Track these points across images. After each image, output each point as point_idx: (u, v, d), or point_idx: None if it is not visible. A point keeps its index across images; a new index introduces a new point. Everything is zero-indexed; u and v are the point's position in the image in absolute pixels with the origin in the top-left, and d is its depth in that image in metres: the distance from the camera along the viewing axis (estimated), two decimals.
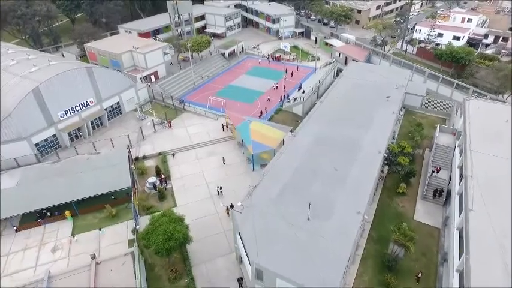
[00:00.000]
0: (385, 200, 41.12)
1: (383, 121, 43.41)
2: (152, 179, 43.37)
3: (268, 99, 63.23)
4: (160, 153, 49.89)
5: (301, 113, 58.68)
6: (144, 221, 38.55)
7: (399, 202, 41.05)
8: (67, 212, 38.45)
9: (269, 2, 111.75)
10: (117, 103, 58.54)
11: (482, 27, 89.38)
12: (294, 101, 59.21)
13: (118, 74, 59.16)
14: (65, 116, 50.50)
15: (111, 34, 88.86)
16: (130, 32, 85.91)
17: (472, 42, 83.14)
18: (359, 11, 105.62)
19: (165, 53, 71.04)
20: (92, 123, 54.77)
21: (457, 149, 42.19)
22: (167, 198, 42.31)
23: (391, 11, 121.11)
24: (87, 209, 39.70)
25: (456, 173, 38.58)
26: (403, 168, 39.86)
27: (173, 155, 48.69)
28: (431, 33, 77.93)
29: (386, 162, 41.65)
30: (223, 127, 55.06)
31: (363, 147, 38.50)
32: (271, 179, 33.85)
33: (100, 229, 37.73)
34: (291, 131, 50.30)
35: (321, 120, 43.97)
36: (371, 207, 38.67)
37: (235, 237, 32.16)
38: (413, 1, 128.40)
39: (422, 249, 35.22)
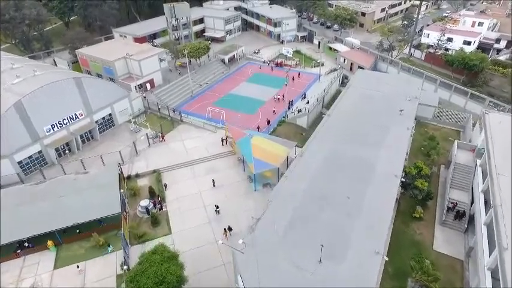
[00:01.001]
0: (400, 227, 37.37)
1: (397, 138, 39.62)
2: (145, 202, 39.62)
3: (274, 111, 59.25)
4: (154, 171, 46.15)
5: (306, 125, 55.02)
6: (136, 251, 35.09)
7: (416, 228, 37.35)
8: (49, 242, 34.69)
9: (270, 4, 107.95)
10: (109, 115, 54.80)
11: (492, 31, 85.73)
12: (298, 112, 55.47)
13: (110, 84, 55.51)
14: (52, 131, 46.77)
15: (106, 38, 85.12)
16: (125, 37, 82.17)
17: (483, 47, 79.42)
18: (363, 14, 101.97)
19: (161, 60, 67.27)
20: (81, 137, 51.04)
21: (479, 169, 38.50)
22: (161, 223, 38.55)
23: (396, 13, 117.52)
24: (72, 238, 36.01)
25: (480, 198, 34.83)
26: (421, 192, 36.10)
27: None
28: (441, 38, 74.17)
29: (401, 184, 37.91)
30: (222, 141, 51.32)
31: (377, 170, 34.75)
32: (276, 210, 30.11)
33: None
34: (296, 147, 46.82)
35: (329, 137, 40.22)
36: None
37: (236, 278, 28.40)
38: (417, 3, 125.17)
39: (445, 284, 31.49)
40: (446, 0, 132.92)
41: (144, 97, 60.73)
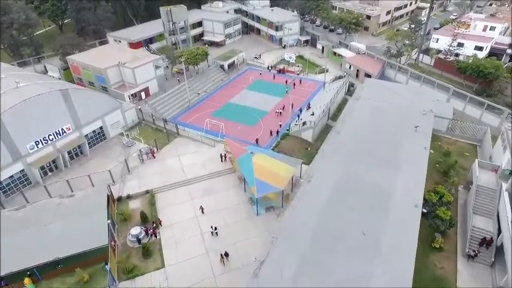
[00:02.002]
0: (419, 259, 33.03)
1: (414, 160, 35.93)
2: (136, 230, 35.86)
3: (280, 124, 54.85)
4: (147, 192, 42.38)
5: (311, 138, 51.24)
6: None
7: (436, 261, 33.54)
8: (26, 280, 30.87)
9: (271, 7, 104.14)
10: (100, 128, 51.03)
11: (504, 35, 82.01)
12: (303, 125, 51.70)
13: (100, 95, 51.72)
14: (36, 148, 43.01)
15: (101, 43, 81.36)
16: (120, 42, 78.29)
17: (495, 53, 75.61)
18: (368, 17, 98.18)
19: (157, 67, 63.44)
20: (69, 152, 47.26)
21: (505, 194, 34.78)
22: (153, 255, 34.74)
23: (401, 16, 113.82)
24: (54, 273, 32.20)
25: (510, 230, 31.11)
26: (444, 222, 32.32)
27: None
28: (452, 44, 70.32)
29: None
30: (221, 157, 47.52)
31: (394, 199, 31.06)
32: (282, 249, 26.41)
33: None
34: (302, 164, 43.19)
35: (338, 159, 36.47)
36: None
37: None
38: (423, 5, 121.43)
39: None
40: (453, 2, 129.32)
41: (140, 109, 56.76)
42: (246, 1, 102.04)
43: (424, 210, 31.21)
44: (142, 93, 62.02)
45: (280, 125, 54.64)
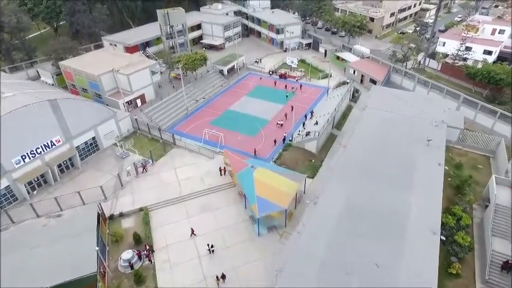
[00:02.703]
0: None
1: (429, 178, 33.25)
2: (128, 255, 33.18)
3: (284, 136, 51.40)
4: (141, 209, 39.75)
5: (315, 150, 48.60)
6: None
7: None
8: None
9: (272, 8, 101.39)
10: (93, 138, 48.43)
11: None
12: (307, 135, 49.05)
13: (93, 104, 49.01)
14: (22, 162, 40.35)
15: (96, 46, 78.66)
16: (116, 45, 75.54)
17: (504, 57, 72.88)
18: (372, 19, 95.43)
19: (153, 72, 60.71)
20: (60, 165, 44.65)
21: None
22: (146, 281, 32.14)
23: (405, 18, 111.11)
24: None
25: None
26: (463, 249, 29.65)
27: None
28: (460, 49, 67.53)
29: None
30: (220, 171, 44.85)
31: (410, 224, 28.39)
32: (287, 283, 23.75)
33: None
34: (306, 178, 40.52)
35: (346, 177, 33.79)
36: None
37: None
38: (428, 7, 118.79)
39: None
40: (457, 3, 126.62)
41: (136, 120, 53.96)
42: (245, 3, 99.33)
43: (443, 238, 28.53)
44: (138, 101, 59.29)
45: (285, 136, 51.61)
